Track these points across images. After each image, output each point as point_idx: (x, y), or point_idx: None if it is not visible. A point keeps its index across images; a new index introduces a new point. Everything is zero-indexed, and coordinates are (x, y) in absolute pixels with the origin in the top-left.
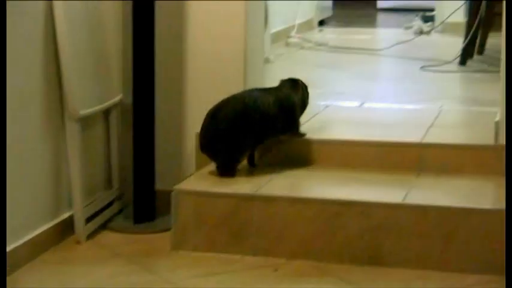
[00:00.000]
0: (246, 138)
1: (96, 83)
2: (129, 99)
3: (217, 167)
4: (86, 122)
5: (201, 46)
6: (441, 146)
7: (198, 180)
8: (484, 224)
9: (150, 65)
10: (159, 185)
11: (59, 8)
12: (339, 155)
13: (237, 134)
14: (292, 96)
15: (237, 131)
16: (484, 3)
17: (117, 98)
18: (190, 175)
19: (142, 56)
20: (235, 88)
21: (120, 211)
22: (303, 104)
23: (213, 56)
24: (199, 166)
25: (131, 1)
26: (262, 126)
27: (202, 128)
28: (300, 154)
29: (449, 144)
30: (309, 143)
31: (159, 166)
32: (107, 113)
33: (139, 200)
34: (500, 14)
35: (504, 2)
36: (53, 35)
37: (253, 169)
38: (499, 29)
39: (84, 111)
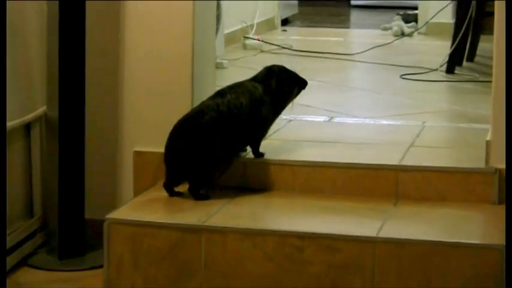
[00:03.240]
0: (222, 150)
1: (15, 93)
2: (55, 112)
3: (190, 189)
4: None
5: (141, 49)
6: (423, 169)
7: (136, 207)
8: (471, 261)
9: (79, 72)
10: (90, 214)
11: None
12: (303, 179)
13: (212, 146)
14: (265, 100)
15: (212, 143)
16: (474, 1)
17: (40, 110)
18: (127, 202)
19: (71, 61)
20: (181, 99)
21: (43, 244)
22: (278, 100)
23: (154, 61)
24: (138, 191)
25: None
26: (238, 133)
27: (170, 142)
28: (257, 177)
29: (432, 168)
30: (268, 164)
31: (90, 191)
32: (28, 127)
33: (66, 231)
34: (493, 14)
35: (496, 2)
36: None
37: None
38: (492, 31)
39: None
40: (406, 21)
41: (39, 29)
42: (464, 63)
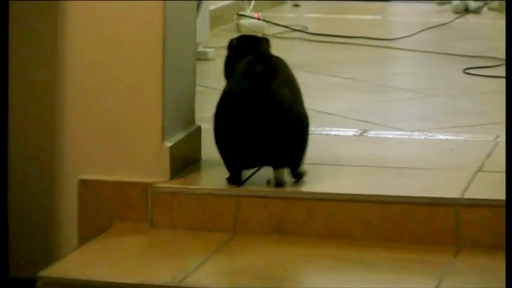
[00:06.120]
0: None
1: None
2: None
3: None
4: None
5: (88, 32)
6: (495, 204)
7: (83, 261)
8: None
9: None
10: (16, 270)
11: None
12: (322, 219)
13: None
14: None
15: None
16: None
17: None
18: (70, 253)
19: None
20: (147, 104)
21: None
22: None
23: (109, 50)
24: (84, 236)
25: None
26: None
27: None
28: (256, 217)
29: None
30: (271, 198)
31: (17, 237)
32: None
33: None
34: None
35: None
36: None
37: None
38: None
39: None
40: None
41: None
42: None
